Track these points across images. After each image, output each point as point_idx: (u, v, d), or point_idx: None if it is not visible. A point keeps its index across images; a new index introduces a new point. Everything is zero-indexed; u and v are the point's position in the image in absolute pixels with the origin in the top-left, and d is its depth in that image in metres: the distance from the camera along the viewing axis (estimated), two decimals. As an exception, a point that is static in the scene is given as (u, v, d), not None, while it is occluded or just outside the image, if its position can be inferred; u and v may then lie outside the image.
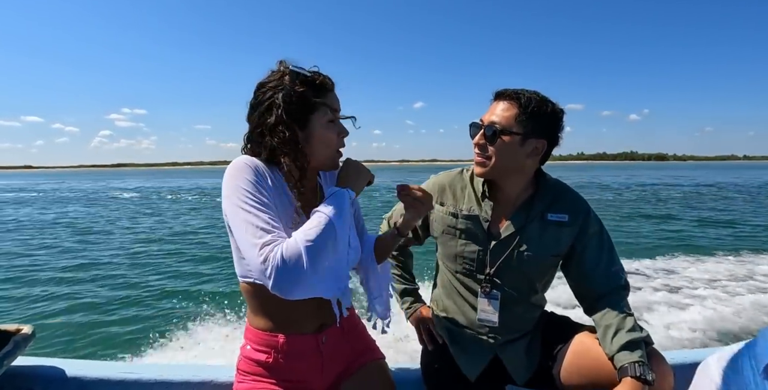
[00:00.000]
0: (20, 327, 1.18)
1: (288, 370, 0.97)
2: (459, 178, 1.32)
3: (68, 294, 5.64)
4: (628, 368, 0.99)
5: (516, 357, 1.24)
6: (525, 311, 1.25)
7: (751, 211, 14.89)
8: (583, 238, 1.20)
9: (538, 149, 1.16)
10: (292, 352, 0.96)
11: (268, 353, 0.96)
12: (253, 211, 0.85)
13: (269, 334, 0.96)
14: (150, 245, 9.21)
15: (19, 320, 4.68)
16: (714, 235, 10.05)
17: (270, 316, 0.96)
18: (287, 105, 0.91)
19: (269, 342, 0.96)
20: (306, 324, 0.98)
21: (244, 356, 1.00)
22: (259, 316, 0.98)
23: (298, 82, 0.92)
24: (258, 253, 0.81)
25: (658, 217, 13.42)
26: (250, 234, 0.83)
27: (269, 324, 0.96)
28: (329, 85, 0.97)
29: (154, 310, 5.04)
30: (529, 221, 1.19)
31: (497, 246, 1.20)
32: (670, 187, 29.43)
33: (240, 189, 0.87)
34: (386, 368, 1.16)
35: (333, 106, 0.97)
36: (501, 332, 1.24)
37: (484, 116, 1.18)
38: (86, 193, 29.59)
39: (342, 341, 1.06)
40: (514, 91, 1.14)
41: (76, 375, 1.22)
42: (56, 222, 13.59)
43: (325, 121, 0.95)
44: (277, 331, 0.96)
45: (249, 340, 1.00)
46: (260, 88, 0.94)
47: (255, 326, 0.98)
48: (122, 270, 7.14)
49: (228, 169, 0.92)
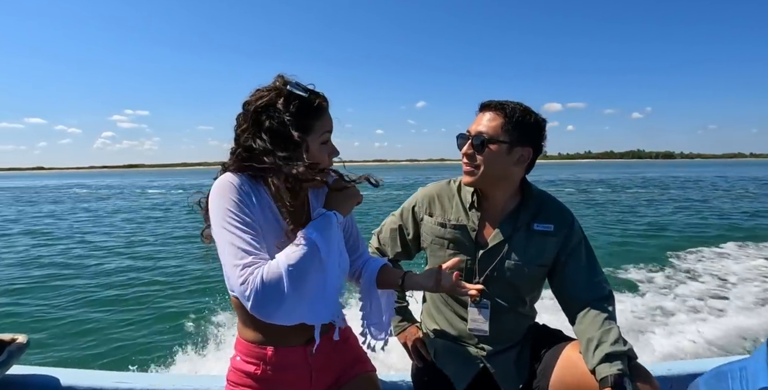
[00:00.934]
0: (15, 336, 1.20)
1: (277, 381, 0.98)
2: (447, 189, 1.33)
3: (65, 302, 5.51)
4: (608, 379, 0.99)
5: (505, 369, 1.24)
6: (514, 322, 1.26)
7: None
8: (567, 247, 1.22)
9: (524, 157, 1.19)
10: (280, 365, 0.97)
11: (256, 365, 0.97)
12: (236, 232, 0.85)
13: (258, 347, 0.97)
14: (158, 247, 9.16)
15: (14, 330, 4.59)
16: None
17: (258, 329, 0.96)
18: (282, 126, 0.89)
19: (258, 354, 0.96)
20: (294, 337, 0.98)
21: (233, 367, 1.01)
22: (248, 329, 0.98)
23: (294, 105, 0.90)
24: (238, 274, 0.82)
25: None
26: (232, 255, 0.83)
27: (258, 336, 0.97)
28: (324, 106, 0.96)
29: (153, 318, 4.92)
30: (516, 230, 1.22)
31: (485, 255, 1.22)
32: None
33: (223, 209, 0.87)
34: (376, 381, 1.15)
35: (327, 127, 0.96)
36: (490, 343, 1.24)
37: (471, 127, 1.20)
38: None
39: (331, 353, 1.05)
40: (498, 102, 1.18)
41: (70, 384, 1.24)
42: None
43: (319, 143, 0.95)
44: (266, 343, 0.96)
45: (239, 351, 1.00)
46: (253, 106, 0.91)
47: (244, 338, 0.99)
48: (122, 275, 6.93)
49: (213, 189, 0.91)
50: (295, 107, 0.90)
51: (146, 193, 28.07)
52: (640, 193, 21.52)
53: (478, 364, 1.25)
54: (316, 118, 0.93)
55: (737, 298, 4.81)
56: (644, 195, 19.91)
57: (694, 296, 4.93)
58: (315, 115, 0.93)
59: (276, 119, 0.89)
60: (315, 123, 0.93)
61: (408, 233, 1.35)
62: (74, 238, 10.49)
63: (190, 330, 4.36)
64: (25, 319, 4.88)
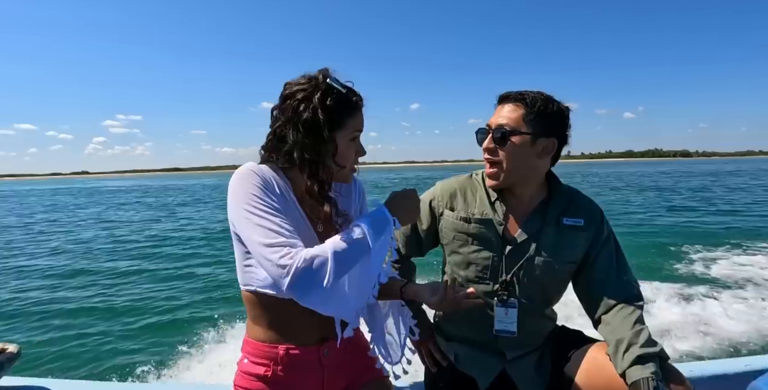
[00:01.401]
0: (6, 346, 1.16)
1: (288, 384, 0.94)
2: (469, 182, 1.27)
3: (58, 310, 5.43)
4: (640, 384, 0.92)
5: (525, 373, 1.17)
6: (538, 323, 1.20)
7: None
8: (597, 243, 1.16)
9: (549, 148, 1.13)
10: (292, 365, 0.93)
11: (267, 366, 0.93)
12: (264, 215, 0.84)
13: (268, 346, 0.93)
14: (158, 248, 9.20)
15: (5, 339, 4.54)
16: None
17: (270, 326, 0.93)
18: (315, 119, 0.89)
19: (268, 354, 0.93)
20: (307, 335, 0.95)
21: (241, 371, 0.97)
22: (258, 326, 0.95)
23: (331, 99, 0.90)
24: (274, 252, 0.79)
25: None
26: (262, 235, 0.82)
27: (268, 334, 0.94)
28: (360, 104, 0.96)
29: (152, 326, 4.86)
30: (545, 225, 1.15)
31: (512, 251, 1.15)
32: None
33: (249, 195, 0.86)
34: (390, 387, 1.11)
35: (358, 126, 0.95)
36: (511, 345, 1.18)
37: (491, 120, 1.15)
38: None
39: (345, 355, 1.01)
40: (518, 93, 1.13)
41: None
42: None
43: (348, 140, 0.94)
44: (277, 342, 0.93)
45: (247, 353, 0.97)
46: (289, 96, 0.91)
47: (254, 338, 0.96)
48: (118, 281, 6.90)
49: (234, 176, 0.90)
50: (332, 101, 0.89)
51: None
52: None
53: (498, 368, 1.18)
54: (349, 115, 0.93)
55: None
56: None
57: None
58: (349, 112, 0.93)
59: (311, 111, 0.89)
60: (348, 120, 0.93)
61: (423, 229, 1.28)
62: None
63: (190, 336, 4.27)
64: (16, 330, 4.82)
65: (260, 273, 0.89)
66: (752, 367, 1.35)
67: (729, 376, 1.32)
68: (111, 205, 24.36)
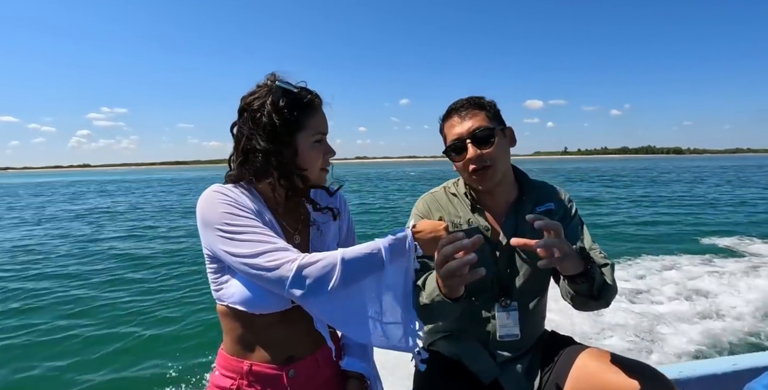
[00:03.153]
0: None
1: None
2: (445, 194, 1.27)
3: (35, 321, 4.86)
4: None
5: (514, 378, 1.17)
6: (531, 326, 1.21)
7: None
8: (566, 220, 1.19)
9: (512, 136, 1.21)
10: (255, 381, 0.91)
11: (233, 379, 0.92)
12: (247, 230, 0.83)
13: (236, 360, 0.92)
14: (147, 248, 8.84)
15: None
16: None
17: (238, 341, 0.92)
18: (272, 123, 0.87)
19: (235, 367, 0.92)
20: (272, 352, 0.92)
21: (212, 383, 0.96)
22: (229, 340, 0.94)
23: (284, 100, 0.88)
24: (268, 257, 0.79)
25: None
26: (251, 248, 0.80)
27: (237, 348, 0.93)
28: (317, 103, 0.94)
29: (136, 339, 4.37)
30: (519, 223, 1.17)
31: (502, 256, 1.17)
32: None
33: (222, 215, 0.84)
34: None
35: (319, 127, 0.93)
36: (502, 350, 1.18)
37: (456, 131, 1.14)
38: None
39: (315, 378, 0.96)
40: (465, 101, 1.17)
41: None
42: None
43: (311, 142, 0.92)
44: (244, 356, 0.92)
45: (219, 365, 0.96)
46: (246, 107, 0.90)
47: (226, 350, 0.95)
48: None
49: (202, 201, 0.88)
50: (284, 102, 0.88)
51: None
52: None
53: (493, 370, 1.18)
54: (306, 114, 0.91)
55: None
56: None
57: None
58: (305, 111, 0.91)
59: (267, 116, 0.87)
60: (306, 120, 0.91)
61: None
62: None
63: (170, 351, 4.05)
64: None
65: (230, 289, 0.88)
66: (739, 366, 1.37)
67: (718, 376, 1.33)
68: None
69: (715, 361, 1.44)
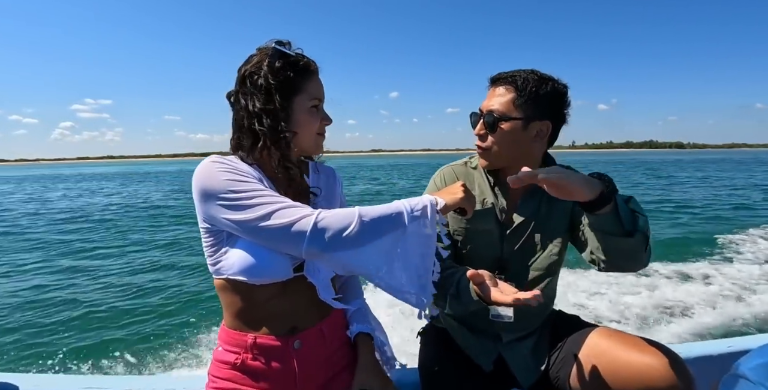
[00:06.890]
0: None
1: (258, 372, 0.90)
2: (465, 169, 1.25)
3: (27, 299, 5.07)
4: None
5: (521, 358, 1.16)
6: (538, 306, 1.17)
7: None
8: None
9: (543, 132, 1.10)
10: (260, 353, 0.89)
11: (237, 353, 0.90)
12: (255, 193, 0.81)
13: (239, 333, 0.91)
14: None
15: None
16: None
17: (240, 314, 0.91)
18: (268, 85, 0.87)
19: (239, 341, 0.90)
20: (275, 324, 0.91)
21: (215, 359, 0.94)
22: (230, 314, 0.92)
23: (280, 61, 0.88)
24: (282, 214, 0.78)
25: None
26: (262, 210, 0.79)
27: (239, 322, 0.91)
28: (313, 67, 0.93)
29: (131, 315, 4.53)
30: (540, 204, 1.15)
31: (511, 234, 1.15)
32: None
33: (225, 182, 0.82)
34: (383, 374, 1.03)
35: (316, 93, 0.93)
36: (509, 330, 1.16)
37: (483, 104, 1.12)
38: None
39: (321, 349, 0.95)
40: (509, 74, 1.09)
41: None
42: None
43: (308, 106, 0.92)
44: (247, 329, 0.91)
45: (221, 340, 0.94)
46: (245, 73, 0.90)
47: (228, 325, 0.94)
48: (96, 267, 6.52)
49: (198, 173, 0.85)
50: (280, 63, 0.88)
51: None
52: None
53: (495, 351, 1.17)
54: (303, 78, 0.91)
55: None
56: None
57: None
58: (302, 75, 0.90)
59: (263, 78, 0.87)
60: (302, 84, 0.91)
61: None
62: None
63: (172, 328, 4.10)
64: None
65: (230, 260, 0.85)
66: (735, 348, 1.36)
67: (713, 358, 1.33)
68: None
69: (711, 343, 1.44)
